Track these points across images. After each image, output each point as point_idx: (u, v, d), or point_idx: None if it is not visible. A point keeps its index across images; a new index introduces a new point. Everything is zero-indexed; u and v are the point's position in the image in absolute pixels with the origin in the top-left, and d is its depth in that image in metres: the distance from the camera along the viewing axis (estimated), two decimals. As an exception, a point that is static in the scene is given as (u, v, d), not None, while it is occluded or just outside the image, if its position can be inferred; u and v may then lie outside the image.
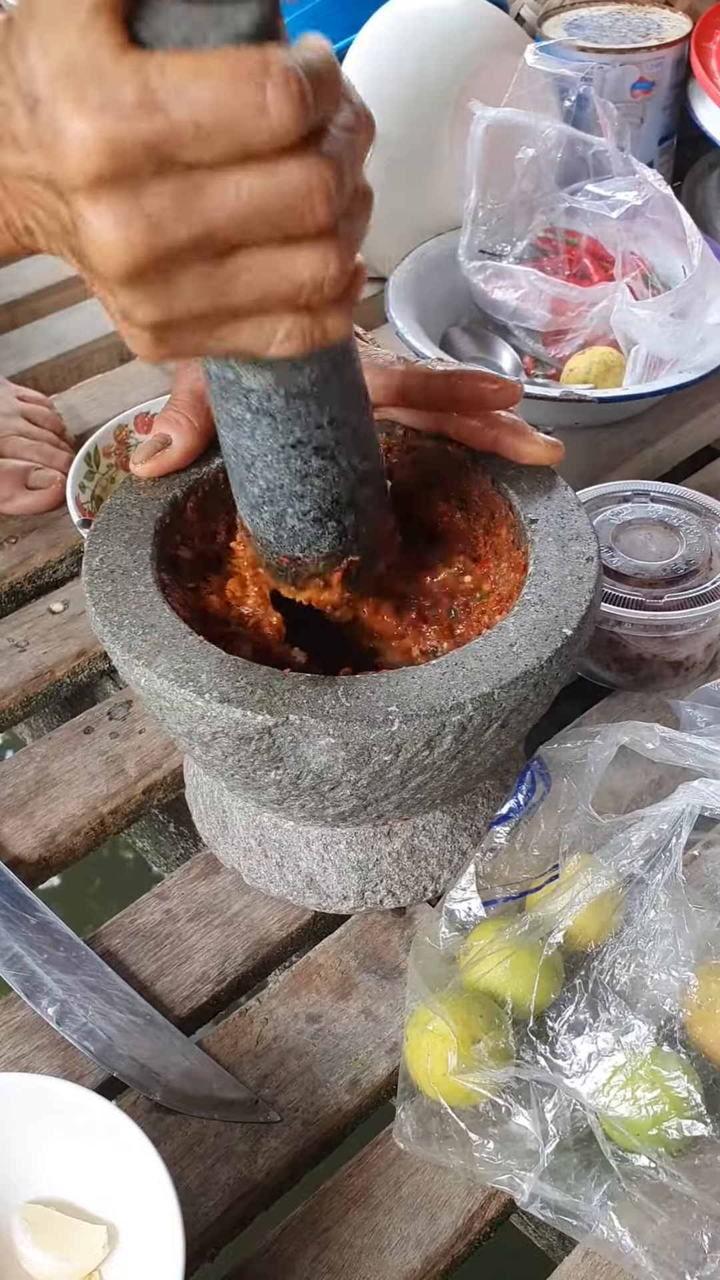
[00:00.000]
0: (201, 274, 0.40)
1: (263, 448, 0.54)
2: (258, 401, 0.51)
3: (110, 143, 0.36)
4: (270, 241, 0.39)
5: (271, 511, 0.57)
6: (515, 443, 0.64)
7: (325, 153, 0.38)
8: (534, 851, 0.62)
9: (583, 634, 0.58)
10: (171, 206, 0.38)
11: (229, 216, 0.38)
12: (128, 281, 0.39)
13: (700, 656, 0.79)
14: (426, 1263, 0.56)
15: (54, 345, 1.14)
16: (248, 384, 0.50)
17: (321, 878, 0.66)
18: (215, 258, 0.39)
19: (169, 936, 0.68)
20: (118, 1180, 0.54)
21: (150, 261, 0.39)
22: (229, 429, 0.54)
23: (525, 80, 1.05)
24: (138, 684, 0.56)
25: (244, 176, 0.38)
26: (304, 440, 0.53)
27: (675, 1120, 0.53)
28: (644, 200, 1.01)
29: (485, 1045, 0.56)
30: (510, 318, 1.02)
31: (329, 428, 0.53)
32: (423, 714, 0.53)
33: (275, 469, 0.55)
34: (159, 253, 0.38)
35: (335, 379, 0.52)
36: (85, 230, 0.38)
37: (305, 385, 0.51)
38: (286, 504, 0.56)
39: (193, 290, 0.40)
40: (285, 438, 0.53)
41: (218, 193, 0.38)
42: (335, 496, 0.56)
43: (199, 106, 0.36)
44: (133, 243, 0.38)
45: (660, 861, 0.57)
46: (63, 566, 0.92)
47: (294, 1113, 0.60)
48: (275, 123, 0.36)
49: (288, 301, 0.41)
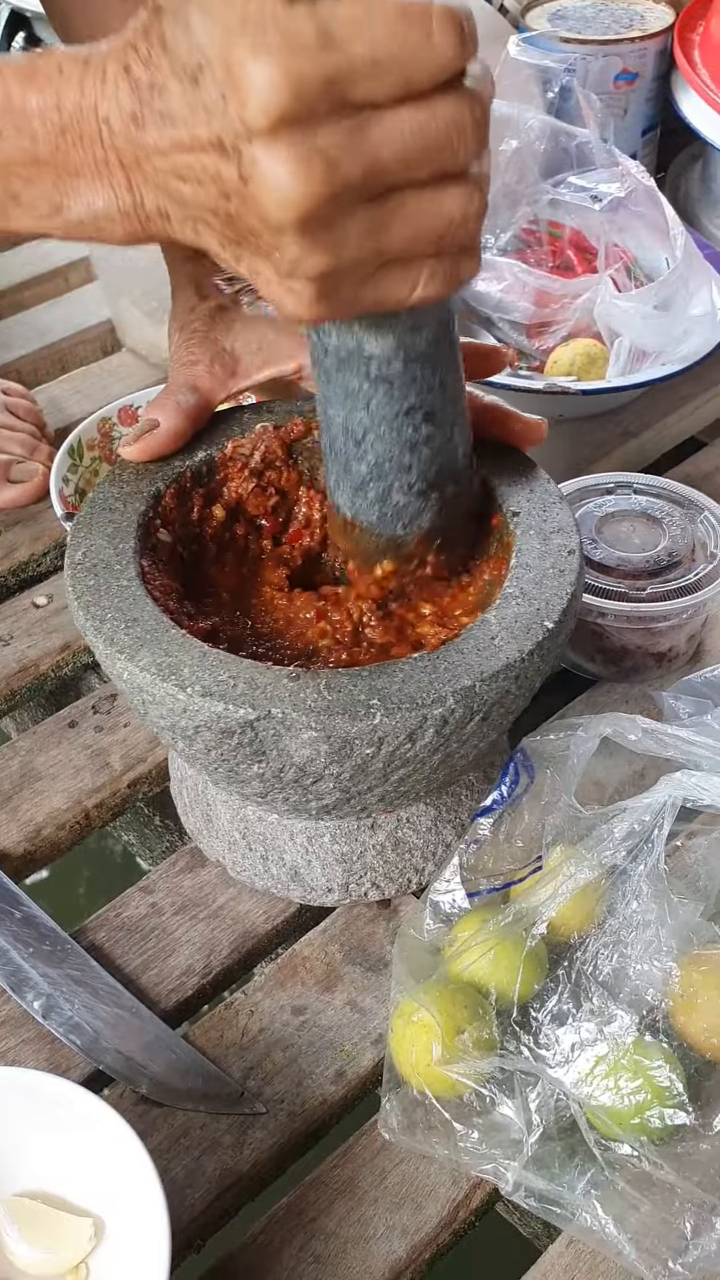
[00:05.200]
0: (365, 217, 0.41)
1: (376, 418, 0.54)
2: (377, 369, 0.52)
3: (293, 78, 0.38)
4: (425, 180, 0.41)
5: (378, 489, 0.57)
6: (499, 420, 0.64)
7: (472, 93, 0.40)
8: (518, 843, 0.63)
9: (564, 627, 0.58)
10: (345, 144, 0.39)
11: (394, 152, 0.40)
12: (303, 224, 0.40)
13: (683, 648, 0.79)
14: (412, 1252, 0.56)
15: (37, 338, 1.14)
16: (369, 350, 0.51)
17: (306, 870, 0.66)
18: (377, 199, 0.41)
19: (154, 930, 0.68)
20: (104, 1173, 0.54)
21: (327, 199, 0.39)
22: (339, 406, 0.55)
23: (508, 71, 1.05)
24: (120, 678, 0.56)
25: (407, 112, 0.39)
26: (416, 405, 0.54)
27: (658, 1109, 0.54)
28: (627, 192, 1.01)
29: (469, 1036, 0.56)
30: (494, 310, 1.02)
31: (439, 391, 0.54)
32: (404, 707, 0.53)
33: (386, 440, 0.55)
34: (335, 190, 0.39)
35: (446, 341, 0.54)
36: (261, 177, 0.39)
37: (423, 347, 0.52)
38: (394, 477, 0.57)
39: (358, 233, 0.41)
40: (400, 403, 0.54)
41: (384, 129, 0.39)
42: (440, 466, 0.57)
43: (374, 41, 0.38)
44: (312, 180, 0.39)
45: (643, 852, 0.58)
46: (46, 560, 0.92)
47: (280, 1104, 0.61)
48: (440, 54, 0.39)
49: (435, 241, 0.42)
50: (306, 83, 0.38)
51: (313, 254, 0.41)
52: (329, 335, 0.52)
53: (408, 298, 0.44)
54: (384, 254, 0.42)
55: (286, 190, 0.39)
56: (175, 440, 0.65)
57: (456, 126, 0.40)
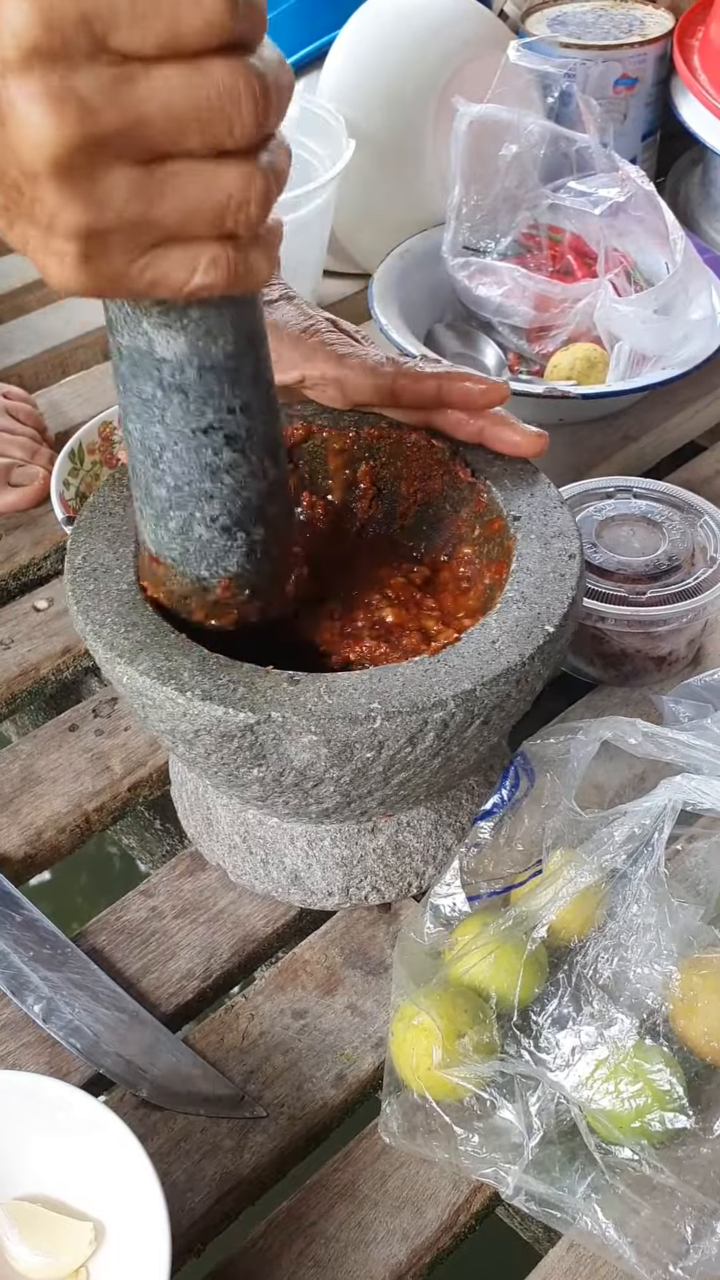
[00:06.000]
0: (131, 176, 0.39)
1: (173, 433, 0.52)
2: (170, 374, 0.50)
3: (44, 9, 0.37)
4: (198, 152, 0.40)
5: (179, 517, 0.55)
6: (500, 433, 0.65)
7: (253, 67, 0.39)
8: (518, 847, 0.63)
9: (565, 631, 0.58)
10: (104, 90, 0.38)
11: (159, 108, 0.38)
12: (58, 168, 0.38)
13: (683, 652, 0.79)
14: (412, 1256, 0.56)
15: (38, 341, 1.14)
16: (161, 353, 0.49)
17: (306, 874, 0.66)
18: (145, 162, 0.39)
19: (155, 933, 0.68)
20: (104, 1177, 0.54)
21: (83, 143, 0.38)
22: (137, 417, 0.52)
23: (508, 76, 1.06)
24: (120, 682, 0.56)
25: (175, 70, 0.38)
26: (215, 425, 0.52)
27: (658, 1113, 0.54)
28: (627, 196, 1.01)
29: (470, 1040, 0.56)
30: (494, 314, 1.02)
31: (241, 415, 0.52)
32: (405, 711, 0.53)
33: (185, 460, 0.53)
34: (93, 135, 0.38)
35: (249, 358, 0.52)
36: (15, 116, 0.38)
37: (219, 357, 0.50)
38: (195, 506, 0.54)
39: (123, 193, 0.40)
40: (197, 420, 0.52)
41: (149, 83, 0.38)
42: (245, 500, 0.55)
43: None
44: (64, 119, 0.38)
45: (643, 856, 0.58)
46: (47, 564, 0.92)
47: (280, 1108, 0.61)
48: (208, 12, 0.37)
49: (213, 222, 0.41)
50: (59, 15, 0.37)
51: (71, 204, 0.39)
52: (120, 332, 0.50)
53: (186, 281, 0.42)
54: (154, 225, 0.41)
55: (39, 127, 0.38)
56: None
57: (230, 94, 0.39)
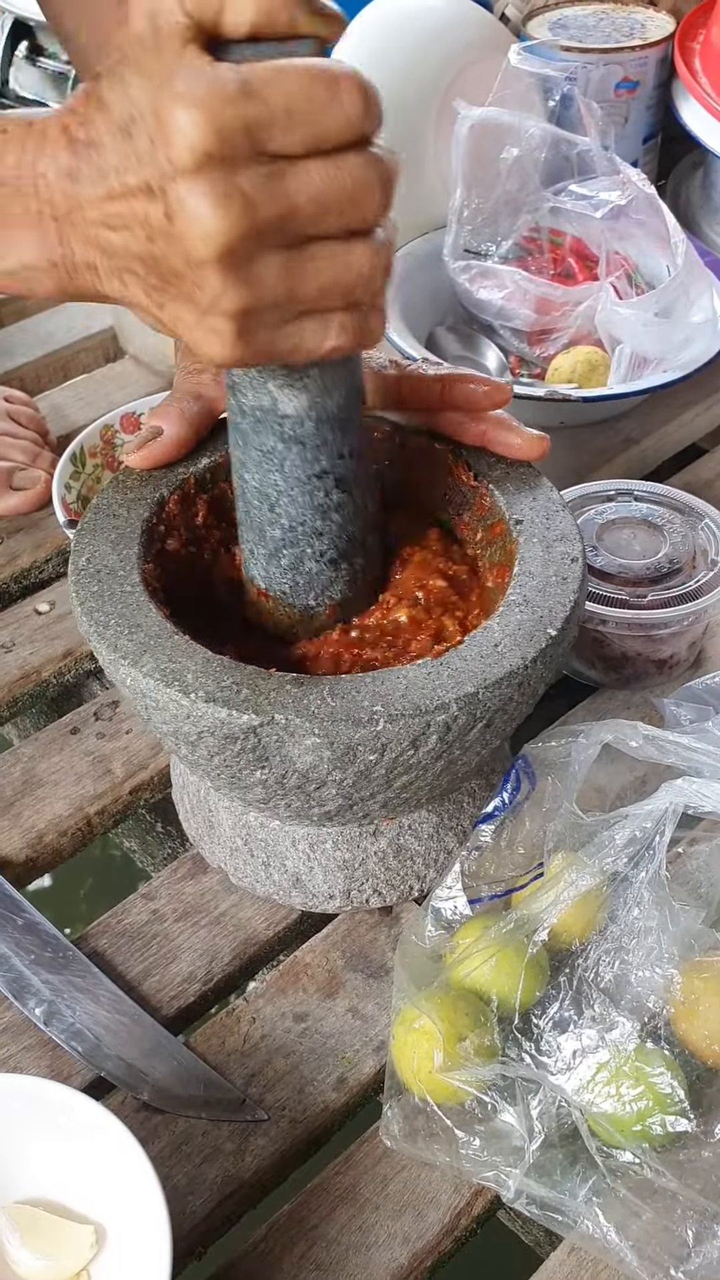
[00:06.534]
0: (282, 260, 0.44)
1: (290, 480, 0.56)
2: (291, 429, 0.54)
3: (215, 121, 0.41)
4: (335, 233, 0.45)
5: (291, 555, 0.59)
6: (502, 436, 0.65)
7: (379, 156, 0.44)
8: (519, 850, 0.63)
9: (567, 634, 0.58)
10: (263, 186, 0.42)
11: (307, 200, 0.43)
12: (224, 258, 0.43)
13: (684, 655, 0.79)
14: (413, 1259, 0.56)
15: (40, 345, 1.14)
16: (283, 410, 0.54)
17: (308, 877, 0.66)
18: (292, 245, 0.44)
19: (156, 936, 0.68)
20: (105, 1180, 0.54)
21: (246, 235, 0.43)
22: (256, 468, 0.57)
23: (509, 80, 1.06)
24: (123, 684, 0.56)
25: (317, 165, 0.43)
26: (328, 470, 0.56)
27: (659, 1116, 0.54)
28: (628, 200, 1.01)
29: (471, 1043, 0.56)
30: (495, 317, 1.02)
31: (349, 459, 0.57)
32: (408, 714, 0.53)
33: (299, 504, 0.57)
34: (254, 227, 0.43)
35: (354, 409, 0.56)
36: (184, 213, 0.42)
37: (333, 410, 0.54)
38: (306, 544, 0.58)
39: (275, 275, 0.44)
40: (312, 466, 0.56)
41: (299, 178, 0.43)
42: (350, 535, 0.59)
43: (287, 94, 0.42)
44: (231, 214, 0.42)
45: (644, 859, 0.58)
46: (49, 567, 0.92)
47: (281, 1111, 0.61)
48: (348, 112, 0.43)
49: (345, 294, 0.46)
50: (228, 126, 0.41)
51: (233, 289, 0.44)
52: (245, 394, 0.54)
53: (320, 347, 0.47)
54: (298, 300, 0.45)
55: (208, 224, 0.42)
56: (179, 448, 0.65)
57: (364, 183, 0.44)
